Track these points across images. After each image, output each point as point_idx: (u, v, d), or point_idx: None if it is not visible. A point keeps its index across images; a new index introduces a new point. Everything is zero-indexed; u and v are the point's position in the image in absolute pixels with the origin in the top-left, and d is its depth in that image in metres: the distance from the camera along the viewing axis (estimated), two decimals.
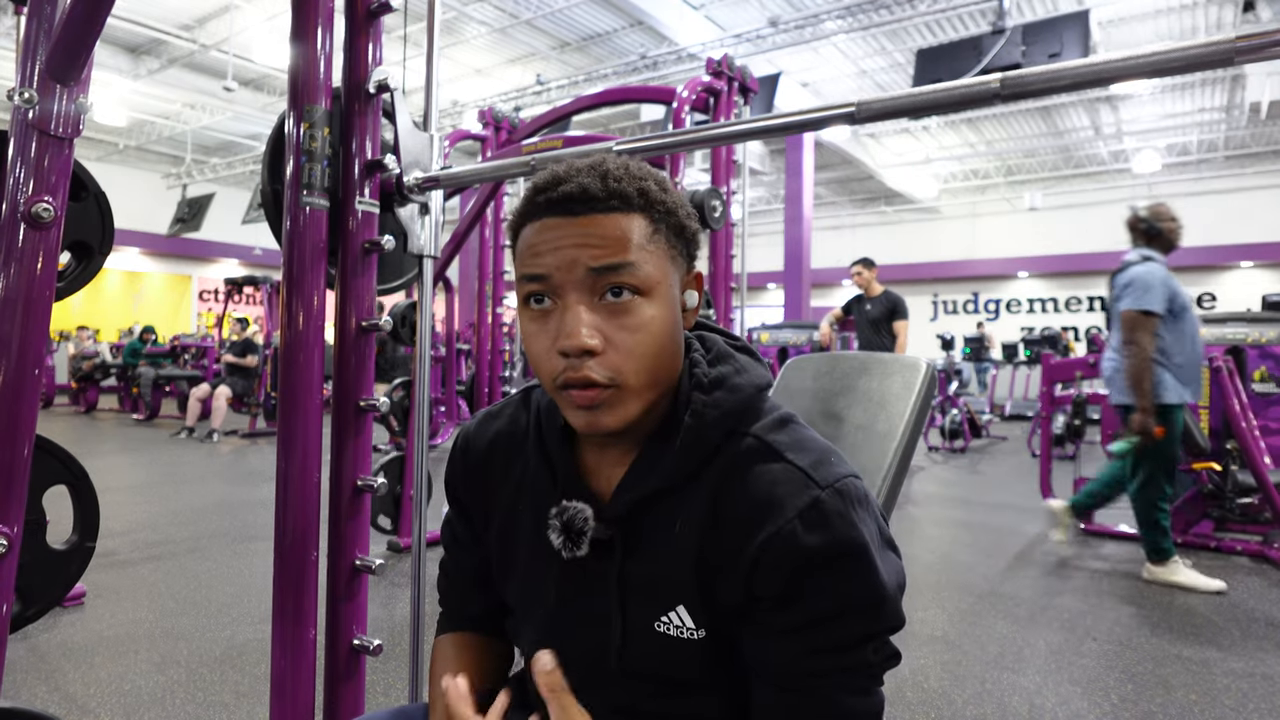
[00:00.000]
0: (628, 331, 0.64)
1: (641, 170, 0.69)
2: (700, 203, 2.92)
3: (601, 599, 0.72)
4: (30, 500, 1.21)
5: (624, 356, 0.64)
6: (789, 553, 0.62)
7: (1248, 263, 14.47)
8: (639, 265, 0.64)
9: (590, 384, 0.63)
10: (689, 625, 0.68)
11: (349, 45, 1.38)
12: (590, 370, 0.63)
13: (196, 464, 6.37)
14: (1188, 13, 8.68)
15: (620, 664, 0.71)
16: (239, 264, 17.03)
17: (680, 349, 0.69)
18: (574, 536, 0.69)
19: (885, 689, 0.70)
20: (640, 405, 0.66)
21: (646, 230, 0.66)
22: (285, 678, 1.26)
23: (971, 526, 4.39)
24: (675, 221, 0.68)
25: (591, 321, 0.63)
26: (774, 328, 8.76)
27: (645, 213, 0.66)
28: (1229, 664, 2.41)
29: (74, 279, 1.47)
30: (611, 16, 9.27)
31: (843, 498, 0.64)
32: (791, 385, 1.20)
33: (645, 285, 0.64)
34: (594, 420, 0.65)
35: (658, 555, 0.69)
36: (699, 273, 0.72)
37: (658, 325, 0.65)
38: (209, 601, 2.88)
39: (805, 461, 0.66)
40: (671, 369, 0.68)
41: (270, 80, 11.42)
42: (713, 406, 0.69)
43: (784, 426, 0.70)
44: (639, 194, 0.66)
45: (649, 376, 0.65)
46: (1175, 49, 0.72)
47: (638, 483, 0.69)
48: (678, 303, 0.68)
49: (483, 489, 0.82)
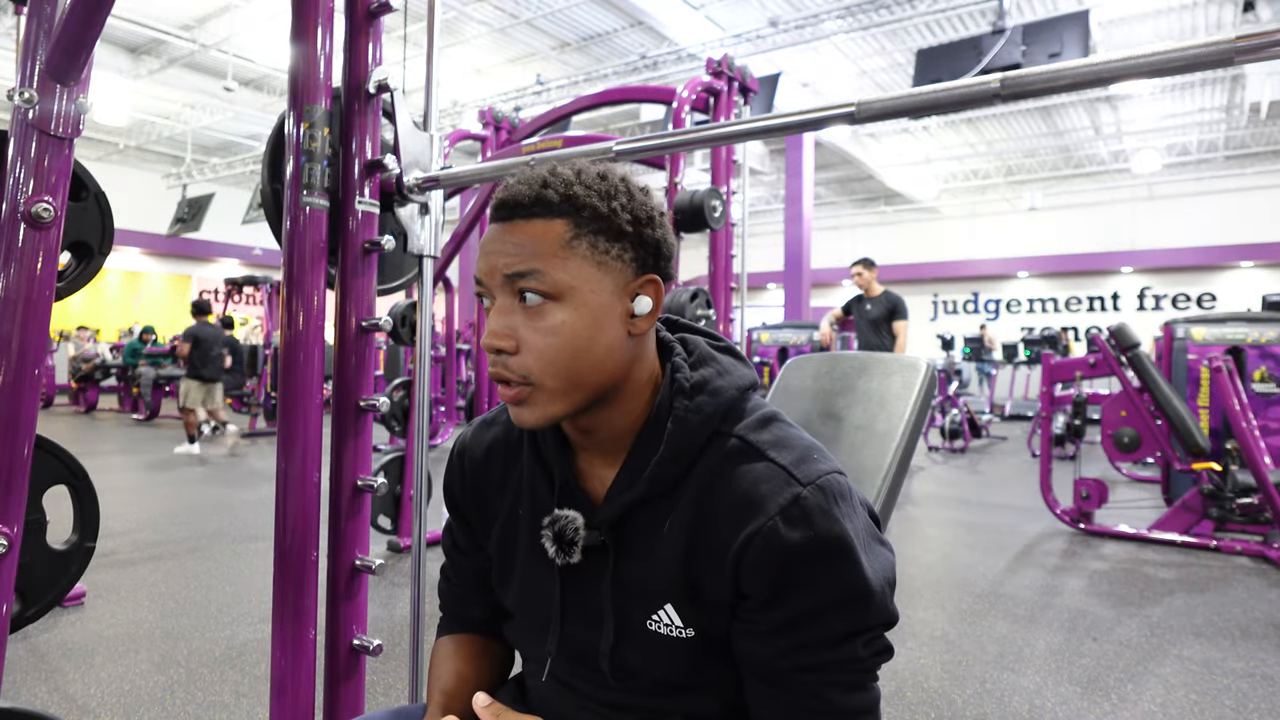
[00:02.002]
0: (538, 334, 0.66)
1: (589, 177, 0.68)
2: (700, 203, 2.92)
3: (595, 601, 0.73)
4: (30, 500, 1.21)
5: (534, 357, 0.66)
6: (771, 549, 0.63)
7: (1248, 263, 14.46)
8: (546, 272, 0.65)
9: (506, 381, 0.67)
10: (678, 624, 0.69)
11: (349, 45, 1.38)
12: (503, 368, 0.67)
13: (196, 464, 6.37)
14: (1188, 13, 8.68)
15: (611, 664, 0.72)
16: (239, 264, 17.02)
17: (615, 353, 0.68)
18: (566, 545, 0.71)
19: (886, 688, 0.70)
20: (564, 404, 0.67)
21: (564, 237, 0.66)
22: (285, 678, 1.26)
23: (971, 526, 4.39)
24: (610, 226, 0.67)
25: (506, 324, 0.67)
26: (774, 328, 8.76)
27: (568, 218, 0.66)
28: (1229, 664, 2.41)
29: (74, 279, 1.46)
30: (611, 16, 9.27)
31: (825, 494, 0.65)
32: (791, 385, 1.20)
33: (555, 290, 0.65)
34: (517, 415, 0.68)
35: (647, 556, 0.70)
36: (654, 278, 0.70)
37: (569, 330, 0.66)
38: (209, 601, 2.88)
39: (787, 459, 0.67)
40: (599, 372, 0.68)
41: (270, 80, 11.41)
42: (695, 411, 0.70)
43: (767, 425, 0.71)
44: (565, 200, 0.66)
45: (563, 379, 0.66)
46: (1175, 49, 0.72)
47: (625, 489, 0.71)
48: (608, 308, 0.67)
49: (481, 496, 0.82)
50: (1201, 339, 4.58)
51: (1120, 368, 4.11)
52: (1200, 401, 4.52)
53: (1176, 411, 3.87)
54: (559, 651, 0.76)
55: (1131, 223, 15.56)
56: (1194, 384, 4.55)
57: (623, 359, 0.69)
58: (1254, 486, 3.73)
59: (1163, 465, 4.63)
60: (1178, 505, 4.04)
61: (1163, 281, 15.42)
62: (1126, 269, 15.62)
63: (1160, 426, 4.05)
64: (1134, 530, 4.08)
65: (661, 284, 0.72)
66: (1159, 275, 15.43)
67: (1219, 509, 3.90)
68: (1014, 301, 17.02)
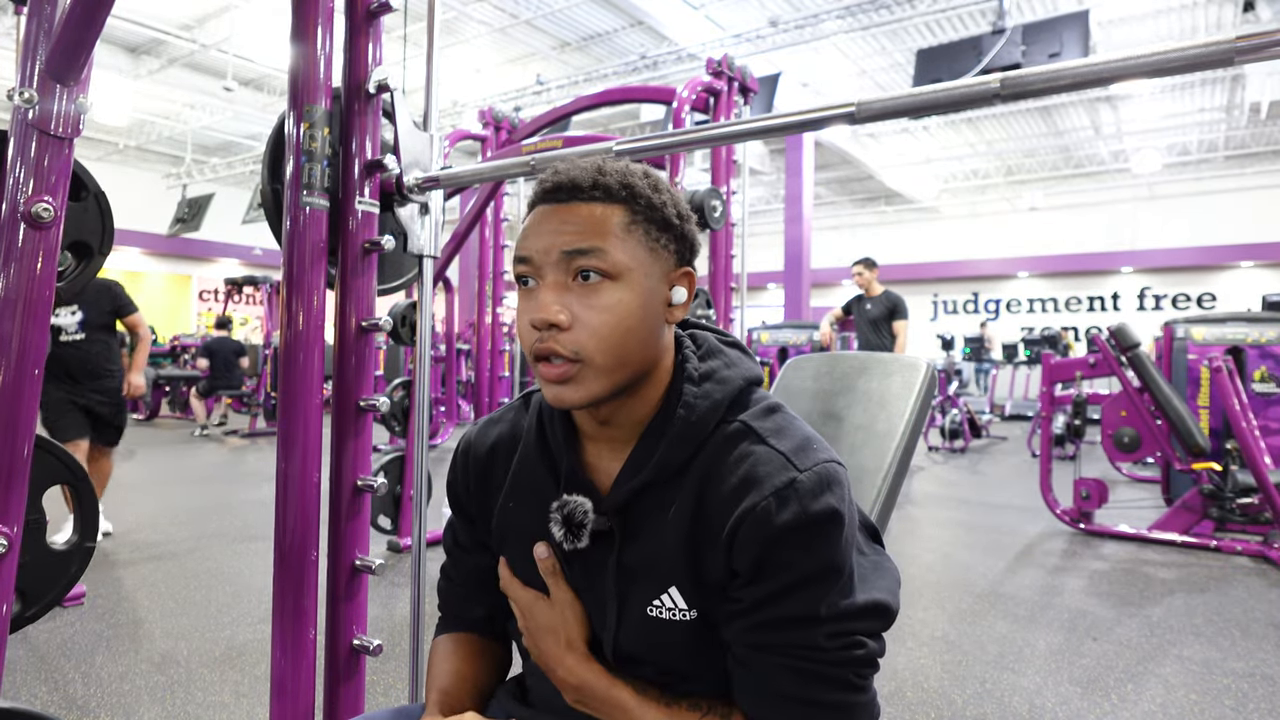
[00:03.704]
0: (594, 311, 0.67)
1: (637, 171, 0.72)
2: (700, 203, 2.92)
3: (599, 588, 0.73)
4: (30, 500, 1.21)
5: (588, 334, 0.67)
6: (760, 527, 0.65)
7: (1248, 263, 14.46)
8: (608, 251, 0.67)
9: (556, 356, 0.67)
10: (681, 606, 0.70)
11: (349, 45, 1.38)
12: (555, 343, 0.67)
13: (196, 464, 6.37)
14: (1188, 13, 8.67)
15: (614, 652, 0.72)
16: (239, 264, 17.01)
17: (656, 337, 0.71)
18: (574, 529, 0.72)
19: (886, 688, 0.70)
20: (607, 384, 0.68)
21: (624, 220, 0.69)
22: (285, 678, 1.26)
23: (971, 526, 4.39)
24: (660, 217, 0.71)
25: (561, 299, 0.68)
26: (774, 328, 8.76)
27: (626, 204, 0.69)
28: (1229, 664, 2.41)
29: (74, 279, 1.46)
30: (611, 16, 9.26)
31: (820, 480, 0.66)
32: (791, 385, 1.20)
33: (614, 270, 0.68)
34: (560, 394, 0.69)
35: (652, 541, 0.71)
36: (690, 271, 0.74)
37: (624, 309, 0.68)
38: (209, 601, 2.88)
39: (787, 446, 0.69)
40: (642, 354, 0.70)
41: (270, 80, 11.41)
42: (703, 398, 0.72)
43: (770, 415, 0.73)
44: (622, 187, 0.69)
45: (613, 356, 0.68)
46: (1175, 49, 0.72)
47: (634, 474, 0.72)
48: (655, 293, 0.70)
49: (485, 493, 0.83)
50: (1201, 339, 4.58)
51: (1120, 368, 4.11)
52: (1200, 401, 4.52)
53: (1176, 411, 3.87)
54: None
55: (1131, 223, 15.56)
56: (1194, 384, 4.55)
57: (659, 344, 0.72)
58: (1254, 486, 3.73)
59: (1163, 465, 4.63)
60: (1178, 505, 4.04)
61: (1163, 281, 15.41)
62: (1126, 269, 15.62)
63: (1160, 426, 4.05)
64: (1134, 530, 4.08)
65: (695, 277, 0.75)
66: (1159, 275, 15.43)
67: (1219, 509, 3.90)
68: (1014, 301, 17.01)
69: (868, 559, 0.74)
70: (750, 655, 0.67)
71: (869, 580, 0.71)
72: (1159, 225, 15.27)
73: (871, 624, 0.68)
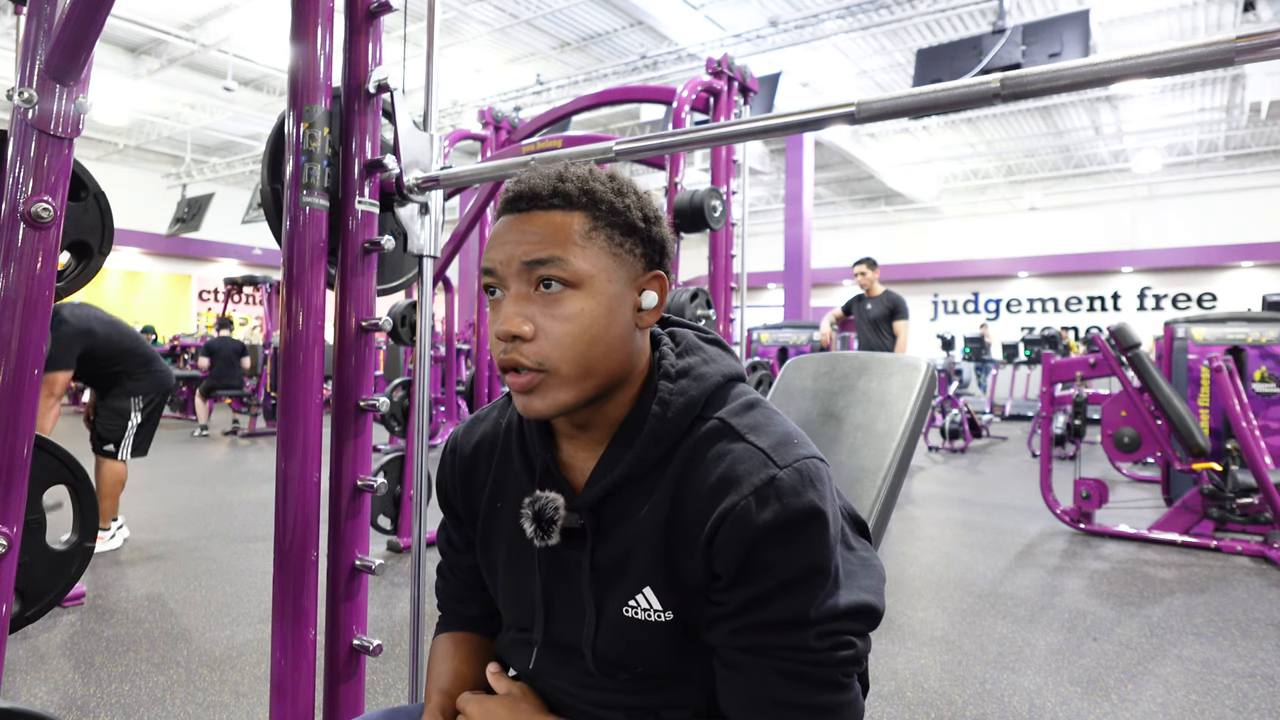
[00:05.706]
0: (557, 321, 0.66)
1: (600, 175, 0.71)
2: (700, 203, 2.91)
3: (576, 589, 0.73)
4: (30, 500, 1.21)
5: (551, 344, 0.66)
6: (741, 528, 0.64)
7: (1248, 263, 14.45)
8: (568, 260, 0.67)
9: (521, 367, 0.67)
10: (656, 607, 0.69)
11: (349, 45, 1.38)
12: (519, 354, 0.67)
13: (196, 464, 6.37)
14: (1188, 13, 8.67)
15: (594, 656, 0.72)
16: (239, 264, 17.01)
17: (625, 343, 0.70)
18: (545, 525, 0.71)
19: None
20: (574, 393, 0.68)
21: (584, 227, 0.68)
22: (285, 678, 1.26)
23: (971, 526, 4.39)
24: (624, 221, 0.70)
25: (524, 310, 0.67)
26: (774, 328, 8.76)
27: (586, 211, 0.69)
28: (1229, 664, 2.41)
29: (74, 279, 1.46)
30: (611, 16, 9.26)
31: (801, 476, 0.65)
32: (791, 385, 1.20)
33: (575, 278, 0.67)
34: (527, 404, 0.68)
35: (625, 539, 0.70)
36: (660, 274, 0.73)
37: (587, 317, 0.67)
38: (209, 601, 2.88)
39: (766, 443, 0.67)
40: (610, 361, 0.69)
41: (270, 80, 11.41)
42: (678, 394, 0.71)
43: (749, 410, 0.71)
44: (582, 194, 0.69)
45: (578, 366, 0.67)
46: (1175, 49, 0.72)
47: (608, 471, 0.71)
48: (622, 299, 0.69)
49: (470, 491, 0.83)
50: (1202, 339, 4.58)
51: (1120, 368, 4.11)
52: (1200, 401, 4.52)
53: (1177, 411, 3.87)
54: (544, 644, 0.76)
55: (1131, 223, 15.55)
56: (1194, 384, 4.55)
57: (630, 350, 0.71)
58: (1254, 486, 3.73)
59: (1163, 465, 4.63)
60: (1178, 505, 4.04)
61: (1163, 281, 15.41)
62: (1127, 269, 15.62)
63: (1160, 426, 4.05)
64: (1134, 530, 4.08)
65: (667, 281, 0.74)
66: (1159, 275, 15.42)
67: (1219, 509, 3.90)
68: (1014, 301, 17.01)
69: (855, 555, 0.73)
70: (739, 659, 0.66)
71: (856, 577, 0.70)
72: (1159, 225, 15.27)
73: (860, 624, 0.67)
